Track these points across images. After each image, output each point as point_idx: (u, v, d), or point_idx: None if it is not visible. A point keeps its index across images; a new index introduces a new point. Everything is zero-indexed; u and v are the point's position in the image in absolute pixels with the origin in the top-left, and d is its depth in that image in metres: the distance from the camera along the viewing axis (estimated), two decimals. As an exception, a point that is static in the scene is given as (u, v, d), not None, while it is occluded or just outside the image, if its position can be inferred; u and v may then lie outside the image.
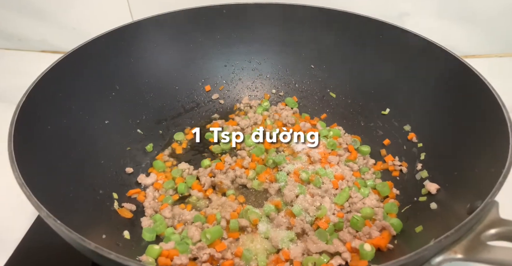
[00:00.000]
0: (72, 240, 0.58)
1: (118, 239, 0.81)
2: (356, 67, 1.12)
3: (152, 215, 0.91)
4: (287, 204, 0.91)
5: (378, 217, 0.86)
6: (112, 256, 0.54)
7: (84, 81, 0.94)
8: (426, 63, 0.97)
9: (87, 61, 0.95)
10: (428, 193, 0.85)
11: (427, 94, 0.97)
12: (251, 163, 1.02)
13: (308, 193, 0.92)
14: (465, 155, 0.79)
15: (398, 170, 0.98)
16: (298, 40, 1.17)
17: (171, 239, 0.83)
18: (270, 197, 0.95)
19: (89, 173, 0.87)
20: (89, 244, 0.55)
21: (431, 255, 0.56)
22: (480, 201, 0.61)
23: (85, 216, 0.78)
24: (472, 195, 0.67)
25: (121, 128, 1.02)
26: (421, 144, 0.96)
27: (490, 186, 0.62)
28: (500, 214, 0.59)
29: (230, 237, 0.85)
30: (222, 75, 1.23)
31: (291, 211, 0.87)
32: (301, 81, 1.23)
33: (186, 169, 1.03)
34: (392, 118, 1.05)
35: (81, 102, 0.92)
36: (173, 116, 1.16)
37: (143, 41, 1.09)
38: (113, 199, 0.90)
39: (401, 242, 0.80)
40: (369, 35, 1.07)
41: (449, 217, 0.72)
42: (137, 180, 0.99)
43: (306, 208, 0.88)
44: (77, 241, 0.56)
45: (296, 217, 0.87)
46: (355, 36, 1.10)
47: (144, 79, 1.10)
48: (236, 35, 1.18)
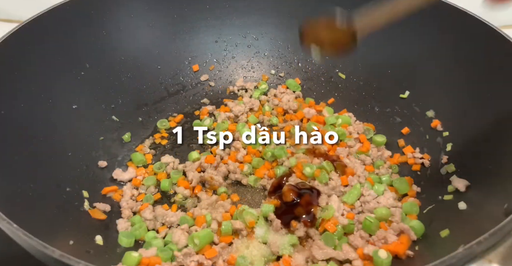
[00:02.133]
0: (32, 247, 0.57)
1: (89, 245, 0.80)
2: (370, 42, 1.05)
3: (130, 217, 0.90)
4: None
5: (395, 218, 0.85)
6: (81, 265, 0.54)
7: (45, 58, 0.92)
8: (455, 35, 0.95)
9: (48, 33, 0.93)
10: (455, 191, 0.85)
11: (455, 72, 0.95)
12: (247, 156, 1.02)
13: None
14: (502, 145, 0.78)
15: (419, 164, 0.97)
16: (302, 10, 1.14)
17: (152, 244, 0.82)
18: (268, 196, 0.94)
19: (53, 168, 0.86)
20: (53, 251, 0.55)
21: (460, 265, 0.55)
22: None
23: (48, 219, 0.77)
24: (510, 193, 0.67)
25: (92, 114, 1.01)
26: (447, 133, 0.96)
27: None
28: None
29: (222, 241, 0.84)
30: (212, 53, 1.23)
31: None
32: (305, 59, 1.22)
33: (170, 162, 1.02)
34: (412, 102, 1.05)
35: (42, 82, 0.90)
36: (155, 100, 1.16)
37: (117, 10, 1.07)
38: (83, 198, 0.89)
39: (423, 248, 0.79)
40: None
41: (481, 220, 0.71)
42: (112, 175, 0.98)
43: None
44: (38, 249, 0.56)
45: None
46: (369, 5, 1.07)
47: (120, 56, 1.09)
48: (229, 5, 1.17)
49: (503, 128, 0.80)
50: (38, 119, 0.87)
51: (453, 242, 0.71)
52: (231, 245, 0.85)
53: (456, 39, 0.95)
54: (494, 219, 0.61)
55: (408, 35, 1.03)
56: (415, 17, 1.01)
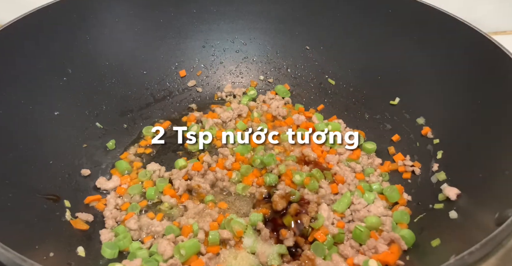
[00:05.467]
0: (9, 260, 0.56)
1: (70, 257, 0.79)
2: (360, 48, 1.11)
3: (114, 227, 0.89)
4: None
5: (385, 227, 0.85)
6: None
7: (26, 62, 0.91)
8: (445, 42, 0.96)
9: (29, 37, 0.92)
10: (446, 199, 0.84)
11: (445, 79, 0.96)
12: (235, 163, 1.01)
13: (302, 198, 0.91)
14: (492, 153, 0.79)
15: (409, 172, 0.98)
16: (291, 15, 1.16)
17: (137, 255, 0.81)
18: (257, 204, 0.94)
19: (33, 176, 0.85)
20: (32, 265, 0.54)
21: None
22: (511, 209, 0.61)
23: (27, 230, 0.75)
24: (501, 202, 0.66)
25: (75, 120, 1.00)
26: (438, 140, 0.96)
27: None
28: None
29: (209, 252, 0.83)
30: (199, 58, 1.22)
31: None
32: (294, 65, 1.22)
33: (156, 170, 1.01)
34: (402, 109, 1.05)
35: (22, 88, 0.89)
36: (141, 106, 1.15)
37: (102, 14, 1.06)
38: (64, 207, 0.87)
39: (413, 258, 0.79)
40: (376, 9, 1.06)
41: (473, 229, 0.71)
42: (96, 184, 0.97)
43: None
44: (16, 262, 0.55)
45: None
46: (360, 10, 1.09)
47: (104, 61, 1.08)
48: (217, 9, 1.17)
49: (494, 136, 0.81)
50: (18, 125, 0.86)
51: (444, 252, 0.72)
52: (219, 256, 0.84)
53: (446, 46, 0.96)
54: (486, 229, 0.61)
55: (398, 41, 1.04)
56: (405, 24, 1.03)
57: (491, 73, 0.85)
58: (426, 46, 1.00)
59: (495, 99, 0.83)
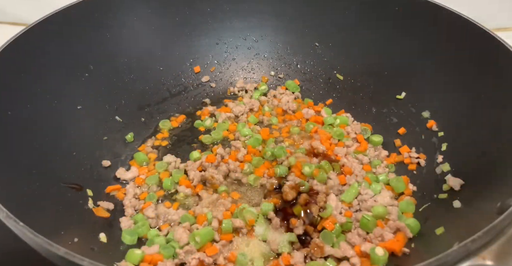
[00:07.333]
0: (37, 245, 0.57)
1: (93, 242, 0.80)
2: (367, 45, 1.11)
3: (133, 215, 0.90)
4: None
5: (392, 216, 0.85)
6: (85, 262, 0.53)
7: (50, 60, 0.92)
8: (450, 38, 0.95)
9: (54, 36, 0.93)
10: (450, 190, 0.84)
11: (450, 74, 0.95)
12: (247, 156, 1.01)
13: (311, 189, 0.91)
14: (495, 145, 0.78)
15: (415, 163, 0.97)
16: (301, 13, 1.15)
17: (155, 242, 0.82)
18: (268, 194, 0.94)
19: (58, 167, 0.86)
20: (58, 249, 0.54)
21: (455, 262, 0.55)
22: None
23: (53, 217, 0.77)
24: (503, 192, 0.66)
25: (96, 114, 1.01)
26: (442, 133, 0.95)
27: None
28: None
29: (222, 239, 0.84)
30: (213, 55, 1.22)
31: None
32: (304, 61, 1.22)
33: (172, 162, 1.02)
34: (408, 103, 1.05)
35: (48, 84, 0.90)
36: (158, 101, 1.15)
37: (121, 13, 1.07)
38: (87, 196, 0.89)
39: (418, 245, 0.79)
40: (384, 6, 1.05)
41: (475, 218, 0.71)
42: (116, 174, 0.98)
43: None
44: (43, 246, 0.55)
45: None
46: (368, 8, 1.08)
47: (123, 58, 1.08)
48: (230, 8, 1.17)
49: (497, 128, 0.80)
50: (43, 119, 0.87)
51: (448, 239, 0.71)
52: (232, 243, 0.84)
53: (451, 41, 0.95)
54: (488, 217, 0.61)
55: (404, 37, 1.04)
56: (411, 19, 1.02)
57: (495, 69, 0.85)
58: (431, 42, 0.99)
59: (498, 94, 0.83)
